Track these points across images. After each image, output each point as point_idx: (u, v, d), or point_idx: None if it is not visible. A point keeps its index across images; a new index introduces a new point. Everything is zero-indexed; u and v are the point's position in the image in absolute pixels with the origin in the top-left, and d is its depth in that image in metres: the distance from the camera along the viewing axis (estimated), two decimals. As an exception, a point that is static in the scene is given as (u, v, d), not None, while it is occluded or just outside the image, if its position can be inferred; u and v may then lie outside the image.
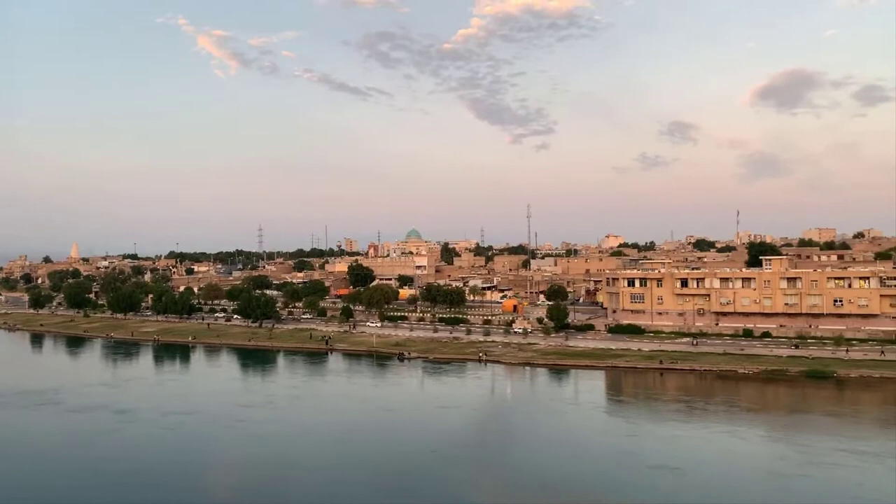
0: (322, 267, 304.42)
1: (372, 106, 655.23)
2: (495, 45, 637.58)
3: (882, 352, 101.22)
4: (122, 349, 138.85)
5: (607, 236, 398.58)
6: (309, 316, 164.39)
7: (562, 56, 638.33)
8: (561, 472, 57.67)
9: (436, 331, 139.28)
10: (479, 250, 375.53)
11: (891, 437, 65.87)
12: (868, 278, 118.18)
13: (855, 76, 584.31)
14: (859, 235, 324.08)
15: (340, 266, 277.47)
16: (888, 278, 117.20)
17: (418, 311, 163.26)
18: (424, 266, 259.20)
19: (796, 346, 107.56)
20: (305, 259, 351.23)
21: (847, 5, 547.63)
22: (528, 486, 54.06)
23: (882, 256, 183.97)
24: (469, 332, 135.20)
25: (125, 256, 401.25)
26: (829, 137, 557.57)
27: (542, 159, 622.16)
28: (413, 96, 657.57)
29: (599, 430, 73.64)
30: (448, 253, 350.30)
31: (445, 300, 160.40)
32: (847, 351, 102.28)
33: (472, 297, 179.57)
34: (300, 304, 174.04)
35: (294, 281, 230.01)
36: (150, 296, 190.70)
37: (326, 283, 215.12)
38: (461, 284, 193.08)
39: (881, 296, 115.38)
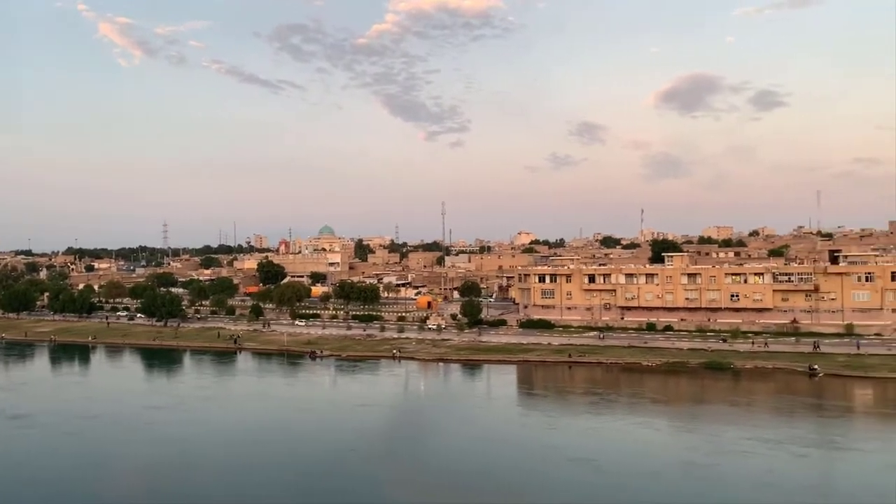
0: (231, 264, 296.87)
1: (283, 99, 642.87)
2: (410, 41, 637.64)
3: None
4: (16, 350, 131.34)
5: (520, 233, 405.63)
6: (217, 314, 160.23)
7: (476, 55, 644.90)
8: (480, 466, 58.30)
9: (349, 328, 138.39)
10: (393, 247, 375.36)
11: (789, 425, 69.62)
12: (762, 274, 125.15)
13: (752, 82, 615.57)
14: (754, 233, 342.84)
15: (250, 263, 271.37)
16: (780, 274, 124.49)
17: (331, 308, 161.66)
18: (338, 263, 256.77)
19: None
20: (213, 256, 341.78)
21: (745, 14, 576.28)
22: (448, 481, 54.64)
23: (775, 253, 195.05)
24: (383, 329, 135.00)
25: (18, 253, 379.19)
26: (728, 140, 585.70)
27: (456, 157, 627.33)
28: (326, 90, 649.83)
29: (515, 423, 74.96)
30: (362, 250, 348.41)
31: (359, 297, 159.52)
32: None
33: (386, 294, 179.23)
34: (207, 303, 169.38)
35: (201, 278, 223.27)
36: (47, 294, 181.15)
37: (235, 281, 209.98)
38: (375, 281, 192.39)
39: (774, 290, 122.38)
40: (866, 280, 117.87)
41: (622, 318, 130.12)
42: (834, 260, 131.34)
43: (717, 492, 51.62)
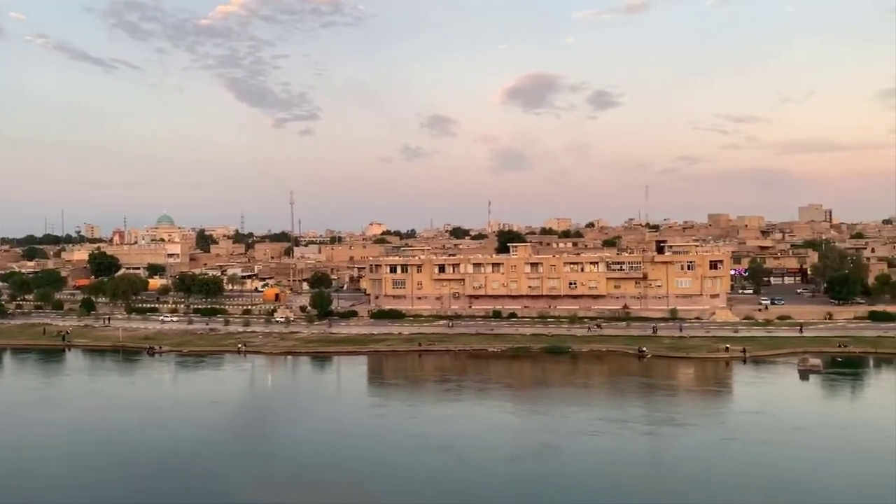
0: (58, 255, 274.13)
1: (118, 80, 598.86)
2: (257, 24, 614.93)
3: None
4: None
5: (371, 224, 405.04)
6: (42, 309, 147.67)
7: (327, 42, 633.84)
8: (331, 459, 57.77)
9: (191, 322, 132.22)
10: (238, 237, 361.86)
11: (631, 405, 74.42)
12: (597, 263, 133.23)
13: (589, 82, 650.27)
14: (591, 225, 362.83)
15: (80, 254, 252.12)
16: (613, 263, 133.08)
17: (171, 302, 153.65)
18: (177, 254, 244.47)
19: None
20: (37, 246, 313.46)
21: (585, 17, 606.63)
22: (299, 476, 53.60)
23: (608, 244, 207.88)
24: (227, 322, 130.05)
25: None
26: (567, 136, 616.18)
27: (305, 145, 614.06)
28: (166, 72, 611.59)
29: (367, 414, 74.67)
30: (204, 240, 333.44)
31: (201, 290, 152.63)
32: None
33: (230, 287, 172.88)
34: (31, 297, 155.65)
35: (23, 270, 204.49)
36: None
37: (63, 274, 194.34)
38: (219, 273, 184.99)
39: (607, 278, 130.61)
40: (688, 268, 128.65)
41: (470, 307, 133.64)
42: (660, 250, 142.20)
43: (574, 470, 54.26)
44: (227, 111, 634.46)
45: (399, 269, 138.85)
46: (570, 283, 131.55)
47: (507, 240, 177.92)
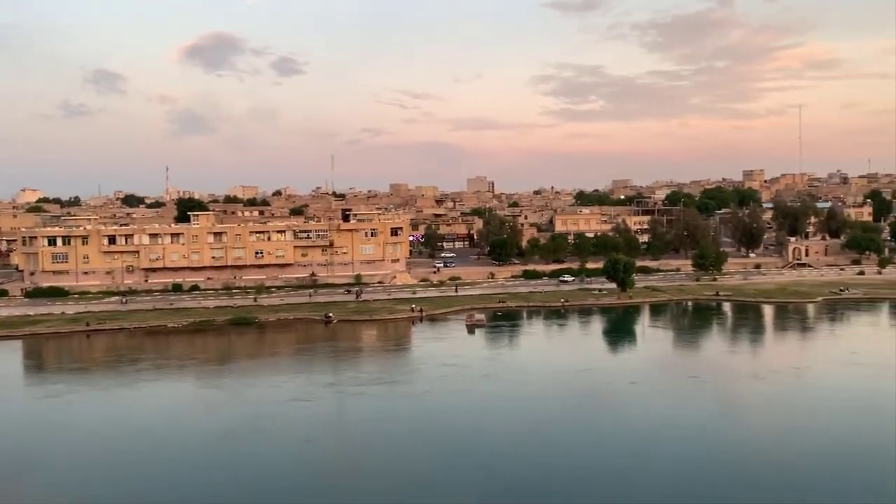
0: None
1: None
2: None
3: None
4: None
5: (24, 190, 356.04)
6: None
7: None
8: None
9: None
10: None
11: (339, 370, 75.37)
12: (284, 232, 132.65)
13: (273, 47, 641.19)
14: (278, 193, 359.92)
15: None
16: (300, 231, 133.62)
17: None
18: None
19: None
20: None
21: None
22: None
23: (296, 212, 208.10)
24: None
25: None
26: (251, 101, 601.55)
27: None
28: None
29: (23, 405, 65.86)
30: None
31: None
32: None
33: None
34: None
35: None
36: None
37: None
38: None
39: (295, 247, 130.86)
40: (371, 235, 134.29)
41: (146, 281, 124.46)
42: (346, 218, 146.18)
43: (289, 434, 53.82)
44: None
45: (60, 241, 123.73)
46: (257, 253, 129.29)
47: (187, 208, 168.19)
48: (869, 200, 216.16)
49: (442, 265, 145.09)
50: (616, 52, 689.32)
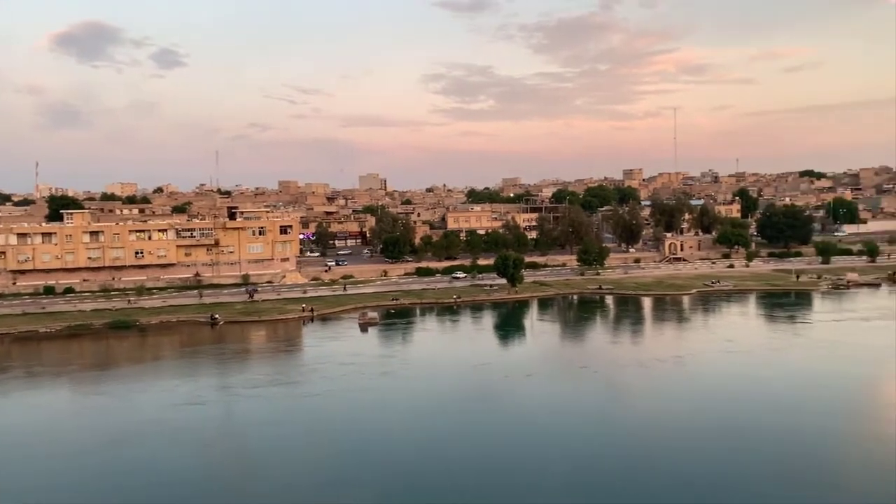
0: None
1: None
2: None
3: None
4: None
5: None
6: None
7: None
8: None
9: None
10: None
11: (231, 372, 72.89)
12: (166, 230, 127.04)
13: (153, 38, 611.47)
14: (159, 190, 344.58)
15: None
16: (184, 230, 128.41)
17: None
18: None
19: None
20: None
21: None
22: None
23: (178, 210, 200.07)
24: None
25: None
26: (130, 94, 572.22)
27: None
28: None
29: None
30: None
31: None
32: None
33: None
34: None
35: None
36: None
37: None
38: None
39: (178, 246, 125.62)
40: (260, 234, 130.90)
41: (14, 284, 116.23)
42: (232, 216, 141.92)
43: (185, 438, 51.24)
44: None
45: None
46: (137, 253, 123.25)
47: (60, 206, 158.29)
48: (737, 198, 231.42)
49: (334, 264, 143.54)
50: (504, 52, 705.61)
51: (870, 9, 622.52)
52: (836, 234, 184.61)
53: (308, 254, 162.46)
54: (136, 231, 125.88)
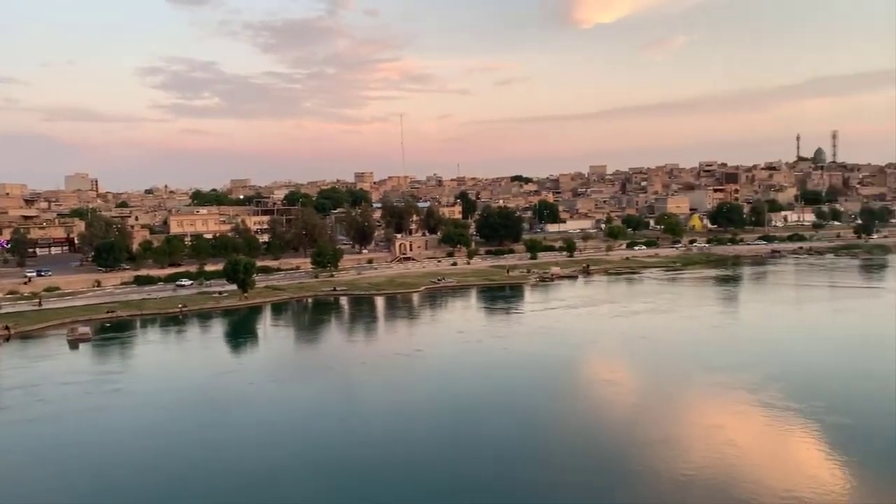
0: None
1: None
2: None
3: None
4: None
5: None
6: None
7: None
8: None
9: None
10: None
11: None
12: None
13: None
14: None
15: None
16: None
17: None
18: None
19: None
20: None
21: None
22: None
23: None
24: None
25: None
26: None
27: None
28: None
29: None
30: None
31: None
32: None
33: None
34: None
35: None
36: None
37: None
38: None
39: None
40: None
41: None
42: None
43: None
44: None
45: None
46: None
47: None
48: (459, 200, 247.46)
49: (35, 274, 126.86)
50: (230, 49, 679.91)
51: (564, 29, 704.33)
52: (541, 232, 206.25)
53: (3, 264, 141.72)
54: None
